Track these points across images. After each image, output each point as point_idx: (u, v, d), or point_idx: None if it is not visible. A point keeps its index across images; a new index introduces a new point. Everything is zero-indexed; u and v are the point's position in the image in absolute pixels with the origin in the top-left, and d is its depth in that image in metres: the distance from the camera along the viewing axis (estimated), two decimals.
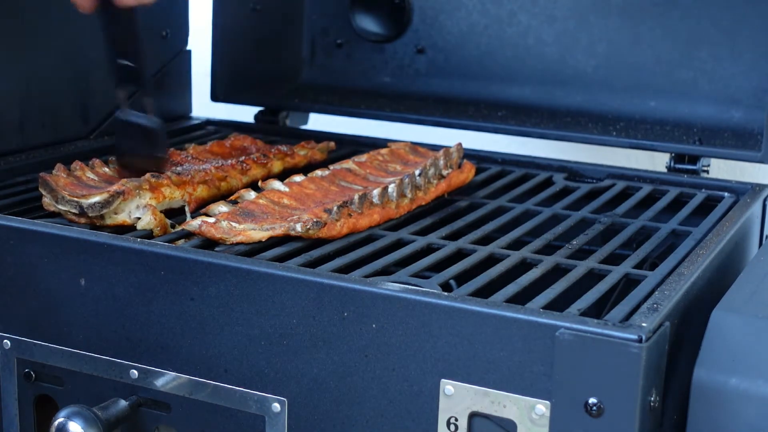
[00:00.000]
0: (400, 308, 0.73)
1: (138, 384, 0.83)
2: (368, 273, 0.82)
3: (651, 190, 1.12)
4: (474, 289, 0.79)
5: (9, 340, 0.88)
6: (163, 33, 1.33)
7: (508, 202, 1.07)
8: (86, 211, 0.91)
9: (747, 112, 1.19)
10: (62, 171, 0.98)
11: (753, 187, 1.10)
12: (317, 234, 0.89)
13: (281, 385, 0.78)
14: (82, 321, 0.85)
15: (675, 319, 0.75)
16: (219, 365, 0.80)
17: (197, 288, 0.80)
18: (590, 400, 0.67)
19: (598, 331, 0.67)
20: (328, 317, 0.75)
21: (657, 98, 1.23)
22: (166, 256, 0.81)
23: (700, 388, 0.70)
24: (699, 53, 1.22)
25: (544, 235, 0.95)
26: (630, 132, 1.22)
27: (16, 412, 0.89)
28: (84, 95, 1.23)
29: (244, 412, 0.80)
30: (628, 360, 0.66)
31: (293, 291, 0.77)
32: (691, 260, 0.85)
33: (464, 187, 1.11)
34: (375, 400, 0.75)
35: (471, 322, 0.71)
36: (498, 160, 1.22)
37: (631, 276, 0.85)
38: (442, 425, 0.73)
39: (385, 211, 0.97)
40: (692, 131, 1.20)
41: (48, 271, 0.85)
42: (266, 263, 0.80)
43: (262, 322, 0.78)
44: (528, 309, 0.72)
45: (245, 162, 1.09)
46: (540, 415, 0.69)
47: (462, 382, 0.72)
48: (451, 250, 0.90)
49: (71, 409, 0.79)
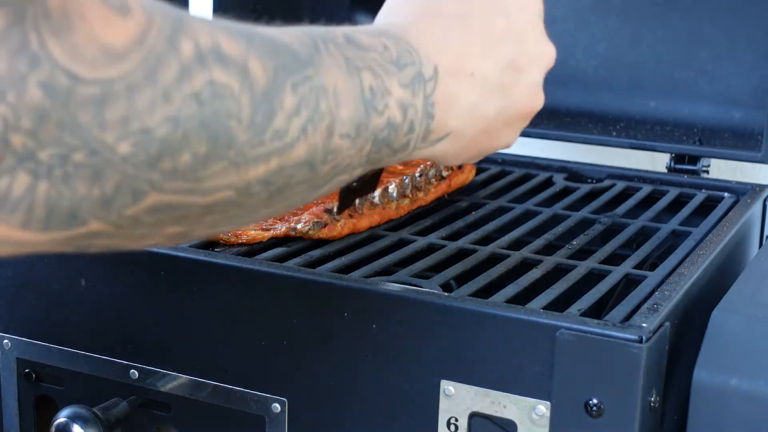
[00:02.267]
0: (400, 308, 0.73)
1: (138, 384, 0.83)
2: (368, 273, 0.82)
3: (651, 191, 1.12)
4: (474, 289, 0.79)
5: (9, 340, 0.88)
6: None
7: (509, 203, 1.07)
8: None
9: (747, 112, 1.19)
10: None
11: (753, 187, 1.10)
12: (318, 234, 0.89)
13: (281, 385, 0.78)
14: (82, 321, 0.85)
15: (675, 320, 0.75)
16: (219, 365, 0.80)
17: (197, 288, 0.80)
18: (590, 401, 0.67)
19: (599, 332, 0.67)
20: (328, 317, 0.75)
21: (657, 98, 1.23)
22: (166, 256, 0.81)
23: (700, 389, 0.70)
24: (699, 53, 1.22)
25: (545, 236, 0.95)
26: (630, 132, 1.22)
27: (16, 412, 0.89)
28: None
29: (244, 412, 0.80)
30: (628, 360, 0.66)
31: (293, 291, 0.77)
32: (692, 260, 0.85)
33: (464, 187, 1.11)
34: (375, 400, 0.75)
35: (471, 322, 0.71)
36: (498, 160, 1.22)
37: (632, 276, 0.85)
38: (442, 425, 0.73)
39: (385, 212, 0.97)
40: (692, 131, 1.20)
41: (48, 271, 0.85)
42: (266, 263, 0.80)
43: (262, 322, 0.78)
44: (528, 309, 0.72)
45: None
46: (540, 415, 0.69)
47: (462, 383, 0.72)
48: (452, 250, 0.90)
49: (71, 410, 0.79)
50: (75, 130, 0.39)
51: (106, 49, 0.40)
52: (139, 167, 0.42)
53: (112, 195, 0.42)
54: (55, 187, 0.40)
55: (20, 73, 0.38)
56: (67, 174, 0.40)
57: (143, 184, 0.43)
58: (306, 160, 0.50)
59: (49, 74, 0.38)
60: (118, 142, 0.41)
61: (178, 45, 0.42)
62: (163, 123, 0.42)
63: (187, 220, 0.46)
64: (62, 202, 0.41)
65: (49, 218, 0.41)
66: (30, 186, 0.40)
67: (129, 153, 0.41)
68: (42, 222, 0.41)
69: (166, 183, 0.43)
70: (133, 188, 0.42)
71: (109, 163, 0.41)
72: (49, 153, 0.39)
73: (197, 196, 0.45)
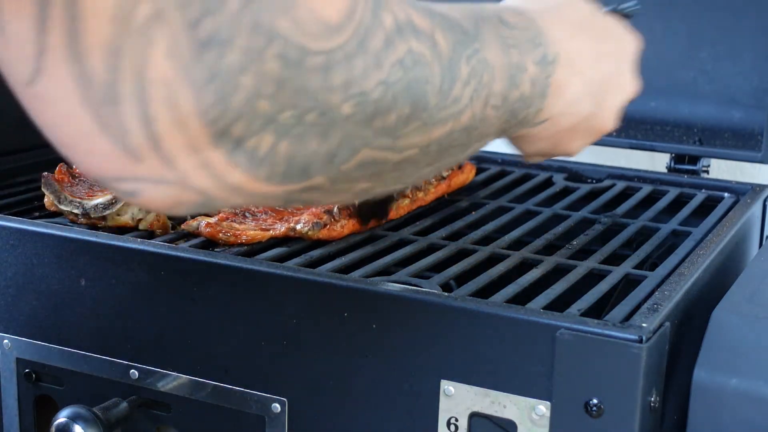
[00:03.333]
0: (400, 308, 0.73)
1: (138, 384, 0.83)
2: (368, 273, 0.82)
3: (651, 191, 1.12)
4: (474, 289, 0.79)
5: (9, 340, 0.88)
6: None
7: (509, 203, 1.07)
8: (89, 212, 0.91)
9: (747, 112, 1.19)
10: (65, 171, 0.98)
11: (753, 187, 1.10)
12: (318, 235, 0.89)
13: (281, 385, 0.78)
14: (82, 321, 0.85)
15: (675, 320, 0.75)
16: (219, 365, 0.80)
17: (197, 288, 0.80)
18: (590, 401, 0.67)
19: (599, 332, 0.67)
20: (328, 317, 0.75)
21: (657, 98, 1.23)
22: (166, 256, 0.81)
23: (700, 389, 0.70)
24: (699, 53, 1.22)
25: (545, 236, 0.95)
26: (630, 132, 1.22)
27: (16, 412, 0.89)
28: None
29: (244, 413, 0.80)
30: (628, 360, 0.66)
31: (293, 291, 0.77)
32: (692, 260, 0.85)
33: (464, 187, 1.11)
34: (375, 400, 0.75)
35: (471, 322, 0.71)
36: (498, 160, 1.22)
37: (632, 276, 0.85)
38: (442, 425, 0.73)
39: None
40: (692, 131, 1.20)
41: (48, 271, 0.85)
42: (266, 263, 0.80)
43: (262, 322, 0.78)
44: (528, 309, 0.72)
45: None
46: (540, 415, 0.69)
47: (462, 383, 0.72)
48: (452, 250, 0.90)
49: (71, 410, 0.79)
50: (307, 94, 0.46)
51: (324, 24, 0.46)
52: (357, 125, 0.49)
53: (335, 151, 0.49)
54: (293, 144, 0.47)
55: (258, 48, 0.43)
56: (302, 133, 0.47)
57: (358, 141, 0.49)
58: (467, 126, 0.56)
59: (282, 48, 0.44)
60: (342, 104, 0.47)
61: (381, 18, 0.49)
62: (377, 86, 0.48)
63: (377, 176, 0.53)
64: (298, 157, 0.47)
65: (287, 173, 0.48)
66: (273, 144, 0.46)
67: (351, 113, 0.48)
68: (280, 176, 0.48)
69: (375, 140, 0.50)
70: (351, 145, 0.49)
71: (334, 123, 0.48)
72: (287, 115, 0.46)
73: (394, 153, 0.52)
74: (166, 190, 0.46)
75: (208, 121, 0.43)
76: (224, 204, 0.49)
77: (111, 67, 0.42)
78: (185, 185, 0.46)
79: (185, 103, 0.43)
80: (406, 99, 0.50)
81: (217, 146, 0.45)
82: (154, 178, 0.45)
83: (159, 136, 0.43)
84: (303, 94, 0.45)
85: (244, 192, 0.48)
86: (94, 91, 0.42)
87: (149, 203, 0.47)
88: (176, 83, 0.42)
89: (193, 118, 0.43)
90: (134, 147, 0.44)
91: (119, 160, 0.44)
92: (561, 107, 0.66)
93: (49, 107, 0.44)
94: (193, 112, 0.43)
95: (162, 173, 0.45)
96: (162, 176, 0.45)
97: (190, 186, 0.46)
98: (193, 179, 0.45)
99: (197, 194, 0.47)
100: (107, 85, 0.42)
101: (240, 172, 0.46)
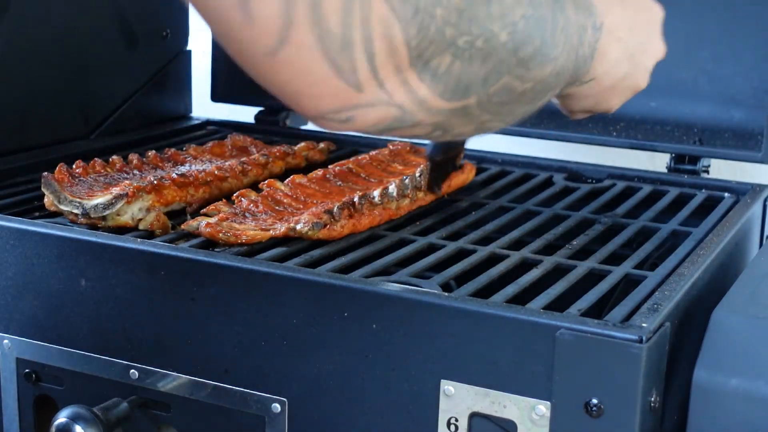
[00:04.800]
0: (400, 308, 0.73)
1: (138, 384, 0.83)
2: (368, 273, 0.82)
3: (651, 191, 1.12)
4: (474, 289, 0.79)
5: (9, 340, 0.88)
6: (163, 33, 1.33)
7: (509, 203, 1.07)
8: (89, 212, 0.91)
9: (747, 112, 1.19)
10: (65, 171, 0.98)
11: (753, 187, 1.10)
12: (318, 235, 0.89)
13: (281, 386, 0.78)
14: (82, 321, 0.85)
15: (675, 320, 0.75)
16: (219, 365, 0.80)
17: (197, 288, 0.80)
18: (590, 401, 0.67)
19: (599, 332, 0.67)
20: (328, 317, 0.75)
21: (657, 98, 1.23)
22: (166, 256, 0.81)
23: (700, 389, 0.70)
24: (699, 53, 1.21)
25: (545, 236, 0.95)
26: (630, 132, 1.22)
27: (16, 412, 0.89)
28: (84, 95, 1.23)
29: (244, 413, 0.80)
30: (628, 360, 0.66)
31: (293, 291, 0.77)
32: (692, 260, 0.85)
33: (464, 187, 1.11)
34: (375, 400, 0.75)
35: (471, 322, 0.71)
36: (498, 160, 1.22)
37: (632, 276, 0.85)
38: (442, 425, 0.73)
39: (385, 212, 0.97)
40: (692, 131, 1.20)
41: (48, 271, 0.85)
42: (266, 263, 0.80)
43: (262, 322, 0.78)
44: (528, 309, 0.72)
45: (246, 163, 1.09)
46: (540, 415, 0.69)
47: (462, 383, 0.72)
48: (452, 250, 0.90)
49: (71, 410, 0.79)
50: (478, 21, 0.55)
51: None
52: (508, 52, 0.57)
53: (488, 74, 0.58)
54: (463, 65, 0.56)
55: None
56: (471, 56, 0.56)
57: (505, 66, 0.58)
58: (559, 71, 0.64)
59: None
60: (500, 32, 0.56)
61: None
62: (521, 19, 0.57)
63: (500, 106, 0.61)
64: (464, 77, 0.57)
65: (455, 90, 0.57)
66: (450, 64, 0.56)
67: (505, 41, 0.57)
68: (450, 92, 0.57)
69: (515, 69, 0.59)
70: (499, 69, 0.58)
71: (494, 49, 0.57)
72: (464, 40, 0.55)
73: (523, 83, 0.60)
74: (376, 111, 0.56)
75: (412, 48, 0.53)
76: (411, 119, 0.57)
77: (344, 22, 0.51)
78: (390, 103, 0.56)
79: (397, 35, 0.53)
80: (537, 34, 0.59)
81: (412, 66, 0.54)
82: (369, 102, 0.55)
83: (378, 66, 0.53)
84: (475, 21, 0.55)
85: (425, 105, 0.57)
86: (332, 44, 0.52)
87: (360, 124, 0.56)
88: (390, 20, 0.52)
89: (401, 46, 0.53)
90: (360, 80, 0.54)
91: (345, 94, 0.54)
92: (603, 69, 0.75)
93: (289, 68, 0.53)
94: (402, 41, 0.53)
95: (376, 96, 0.55)
96: (376, 99, 0.55)
97: (393, 103, 0.56)
98: (396, 96, 0.55)
99: (397, 109, 0.56)
100: (342, 36, 0.52)
101: (425, 87, 0.56)
